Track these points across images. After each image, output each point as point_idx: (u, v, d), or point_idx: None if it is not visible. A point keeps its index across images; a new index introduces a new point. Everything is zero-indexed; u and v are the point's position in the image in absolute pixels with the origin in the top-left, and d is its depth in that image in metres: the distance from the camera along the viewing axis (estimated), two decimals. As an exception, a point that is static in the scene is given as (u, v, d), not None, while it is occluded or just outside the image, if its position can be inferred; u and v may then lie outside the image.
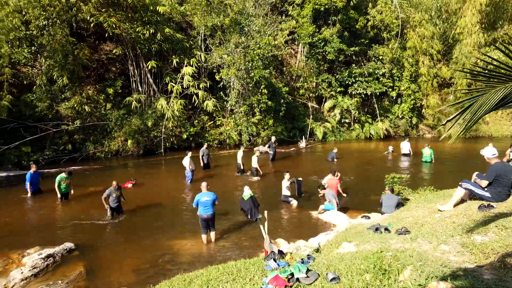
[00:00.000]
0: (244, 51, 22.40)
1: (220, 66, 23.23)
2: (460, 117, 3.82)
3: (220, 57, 22.86)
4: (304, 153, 22.74)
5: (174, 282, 5.36)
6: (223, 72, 22.63)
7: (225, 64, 22.79)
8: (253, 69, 22.50)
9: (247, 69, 22.49)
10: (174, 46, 22.59)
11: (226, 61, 22.57)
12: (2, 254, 7.99)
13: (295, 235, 8.96)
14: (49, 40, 18.67)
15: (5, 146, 17.07)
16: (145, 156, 20.85)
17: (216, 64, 23.24)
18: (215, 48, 23.56)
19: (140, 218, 10.76)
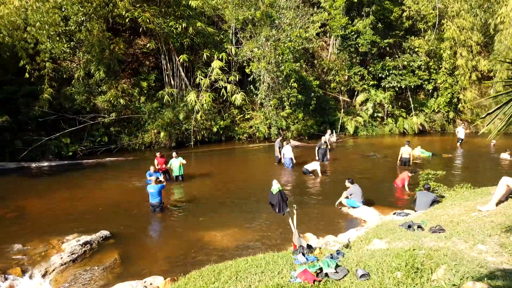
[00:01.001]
0: (275, 44, 22.28)
1: (251, 59, 23.24)
2: (501, 112, 3.63)
3: (251, 51, 22.86)
4: (334, 147, 22.43)
5: (204, 273, 5.48)
6: (253, 65, 22.64)
7: (255, 57, 22.77)
8: (283, 62, 22.36)
9: (277, 62, 22.37)
10: (205, 40, 22.81)
11: (256, 54, 22.55)
12: (43, 240, 8.46)
13: (325, 230, 8.89)
14: (87, 35, 19.35)
15: (47, 137, 17.99)
16: (177, 148, 21.30)
17: (246, 58, 23.28)
18: (246, 41, 23.57)
19: (172, 209, 11.04)
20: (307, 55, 27.46)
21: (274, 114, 23.43)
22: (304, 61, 25.96)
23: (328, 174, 15.35)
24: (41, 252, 7.85)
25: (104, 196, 12.34)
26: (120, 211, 10.75)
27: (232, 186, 13.45)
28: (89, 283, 6.70)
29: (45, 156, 17.79)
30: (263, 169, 16.92)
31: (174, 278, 6.01)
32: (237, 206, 11.03)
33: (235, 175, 15.43)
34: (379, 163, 17.63)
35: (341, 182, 12.62)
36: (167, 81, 22.91)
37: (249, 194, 12.32)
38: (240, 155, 20.59)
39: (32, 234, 8.80)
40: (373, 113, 27.57)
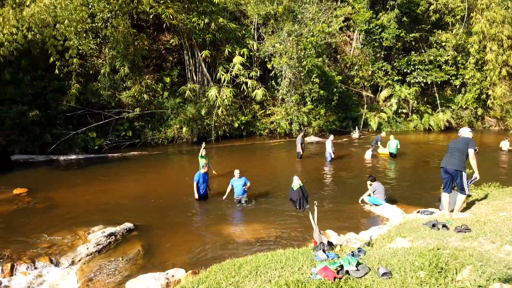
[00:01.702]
0: (297, 39, 22.11)
1: (272, 55, 23.16)
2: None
3: (272, 46, 22.77)
4: (357, 144, 22.11)
5: (225, 266, 5.54)
6: (275, 61, 22.55)
7: (277, 53, 22.67)
8: (305, 57, 22.17)
9: (299, 57, 22.21)
10: (227, 35, 22.89)
11: (278, 49, 22.45)
12: (70, 230, 8.76)
13: (346, 227, 8.81)
14: (112, 31, 19.79)
15: (74, 131, 18.58)
16: (198, 143, 21.52)
17: (268, 53, 23.21)
18: (268, 36, 23.50)
19: (193, 203, 11.19)
20: (330, 50, 27.11)
21: (296, 109, 23.30)
22: (327, 56, 25.65)
23: (349, 171, 15.17)
24: (68, 242, 8.14)
25: (128, 189, 12.63)
26: (143, 204, 10.99)
27: (253, 181, 13.47)
28: (113, 273, 6.89)
29: (72, 150, 18.38)
30: (284, 165, 16.89)
31: (195, 271, 6.10)
32: (257, 201, 11.07)
33: (255, 170, 15.47)
34: (403, 160, 17.27)
35: (363, 179, 12.45)
36: (190, 77, 23.14)
37: (269, 190, 12.34)
38: (260, 150, 20.62)
39: (60, 225, 9.13)
40: (397, 109, 26.99)
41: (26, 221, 9.50)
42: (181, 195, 11.82)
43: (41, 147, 17.92)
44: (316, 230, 6.31)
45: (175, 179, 14.56)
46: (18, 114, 17.25)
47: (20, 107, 17.49)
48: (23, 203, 10.85)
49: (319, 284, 4.33)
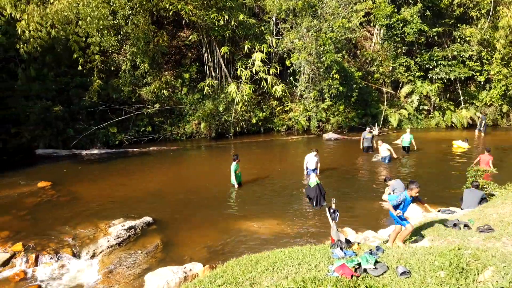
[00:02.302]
0: (316, 35, 21.87)
1: (291, 50, 23.00)
2: None
3: (291, 42, 22.61)
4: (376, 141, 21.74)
5: (242, 261, 5.57)
6: (294, 57, 22.39)
7: (296, 48, 22.50)
8: (324, 53, 21.91)
9: (318, 53, 21.97)
10: (246, 31, 22.85)
11: (297, 45, 22.27)
12: (91, 223, 8.99)
13: (364, 225, 8.72)
14: (133, 28, 20.05)
15: (96, 127, 19.00)
16: (216, 139, 21.68)
17: (287, 49, 23.07)
18: (287, 32, 23.34)
19: (211, 198, 11.29)
20: (350, 45, 26.70)
21: (314, 106, 23.10)
22: (346, 51, 25.27)
23: (369, 169, 14.97)
24: (89, 235, 8.36)
25: (148, 184, 12.85)
26: (162, 199, 11.17)
27: (270, 177, 13.50)
28: (133, 266, 7.04)
29: (94, 144, 18.79)
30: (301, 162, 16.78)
31: (212, 266, 6.17)
32: (275, 198, 11.08)
33: (273, 167, 15.47)
34: (424, 158, 16.92)
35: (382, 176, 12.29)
36: (208, 73, 23.26)
37: (287, 186, 12.32)
38: (278, 147, 20.59)
39: (82, 217, 9.38)
40: (418, 106, 26.37)
41: (49, 213, 9.80)
42: (200, 190, 11.95)
43: (64, 141, 18.42)
44: (333, 227, 6.27)
45: (193, 175, 14.72)
46: (43, 109, 17.76)
47: (44, 103, 18.01)
48: (47, 196, 11.19)
49: (336, 281, 4.31)
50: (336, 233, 6.18)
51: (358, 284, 4.28)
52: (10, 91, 17.86)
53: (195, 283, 5.02)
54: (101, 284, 6.49)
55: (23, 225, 8.92)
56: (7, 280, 6.64)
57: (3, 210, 9.91)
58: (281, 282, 4.52)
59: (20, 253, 7.39)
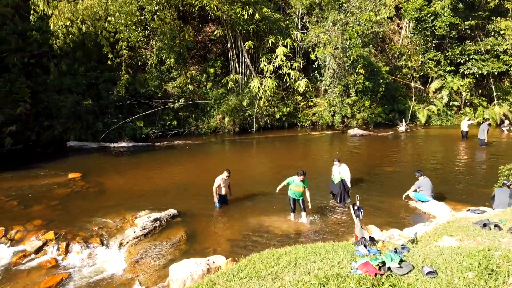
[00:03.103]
0: (342, 29, 21.50)
1: (316, 45, 22.73)
2: None
3: (316, 36, 22.32)
4: (403, 137, 21.28)
5: (264, 256, 5.60)
6: (319, 51, 22.11)
7: (321, 43, 22.21)
8: (350, 47, 21.52)
9: (344, 47, 21.60)
10: (271, 26, 22.75)
11: (322, 39, 21.97)
12: (119, 214, 9.26)
13: (389, 223, 8.56)
14: (159, 24, 20.36)
15: (123, 120, 19.50)
16: (240, 134, 21.78)
17: (311, 43, 22.81)
18: (312, 26, 23.06)
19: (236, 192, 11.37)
20: (377, 39, 26.10)
21: (339, 101, 22.79)
22: (373, 46, 24.74)
23: (395, 166, 14.66)
24: (117, 226, 8.62)
25: (173, 177, 13.09)
26: (187, 192, 11.36)
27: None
28: (158, 257, 7.21)
29: (121, 138, 19.31)
30: (325, 157, 16.65)
31: (235, 259, 6.23)
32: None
33: (296, 162, 15.39)
34: (453, 155, 16.40)
35: (409, 174, 12.01)
36: (233, 68, 23.35)
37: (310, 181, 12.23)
38: (302, 142, 20.47)
39: (110, 208, 9.67)
40: (448, 102, 25.53)
41: (79, 203, 10.17)
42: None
43: (94, 134, 19.02)
44: (357, 225, 6.19)
45: (217, 169, 14.81)
46: (74, 103, 18.39)
47: (75, 97, 18.64)
48: (77, 187, 11.60)
49: (360, 279, 4.26)
50: (360, 231, 6.10)
51: (382, 283, 4.22)
52: (43, 86, 18.60)
53: (218, 275, 5.09)
54: (128, 273, 6.69)
55: (55, 215, 9.29)
56: (40, 266, 6.95)
57: (37, 199, 10.36)
58: (303, 278, 4.51)
59: (51, 241, 7.71)
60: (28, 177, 12.61)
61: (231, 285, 4.65)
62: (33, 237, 7.89)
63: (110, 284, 6.40)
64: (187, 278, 5.72)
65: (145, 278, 6.45)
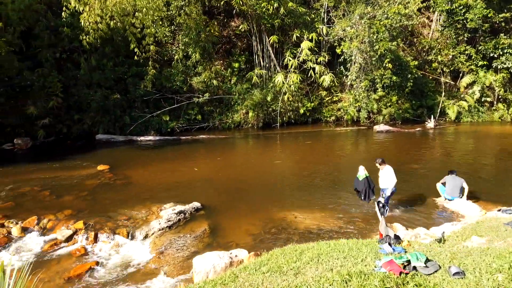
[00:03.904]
0: (369, 22, 21.02)
1: (342, 39, 22.35)
2: None
3: (343, 30, 21.94)
4: (431, 134, 20.67)
5: (286, 251, 5.61)
6: (345, 45, 21.73)
7: (347, 37, 21.82)
8: (378, 41, 21.02)
9: (371, 41, 21.13)
10: (296, 20, 22.54)
11: (348, 33, 21.57)
12: (144, 206, 9.49)
13: (415, 221, 8.37)
14: (185, 19, 20.56)
15: (149, 114, 19.91)
16: (264, 129, 21.79)
17: (337, 37, 22.45)
18: (338, 20, 22.68)
19: (258, 187, 11.42)
20: (406, 33, 25.36)
21: (365, 96, 22.35)
22: (402, 39, 24.07)
23: (423, 163, 14.29)
24: (143, 217, 8.84)
25: (198, 170, 13.27)
26: (210, 185, 11.50)
27: (317, 168, 13.37)
28: (182, 248, 7.35)
29: (148, 131, 19.74)
30: (349, 153, 16.43)
31: (257, 253, 6.27)
32: (321, 189, 10.96)
33: (320, 158, 15.29)
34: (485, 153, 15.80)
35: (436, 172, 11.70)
36: (257, 62, 23.32)
37: (334, 178, 12.13)
38: (326, 138, 20.27)
39: (136, 200, 9.92)
40: (480, 98, 24.53)
41: (107, 195, 10.49)
42: (247, 178, 12.13)
43: (121, 128, 19.54)
44: (382, 222, 6.09)
45: (240, 163, 14.96)
46: (102, 97, 18.94)
47: (104, 91, 19.17)
48: (105, 179, 11.97)
49: (384, 277, 4.21)
50: (384, 228, 6.00)
51: (407, 282, 4.15)
52: (74, 80, 19.25)
53: (240, 269, 5.14)
54: (152, 263, 6.86)
55: (84, 205, 9.63)
56: (70, 254, 7.23)
57: (67, 190, 10.76)
58: (325, 274, 4.49)
59: (81, 230, 8.01)
60: (60, 168, 13.12)
61: (253, 279, 4.69)
62: (63, 226, 8.22)
63: (136, 273, 6.58)
64: (210, 271, 5.81)
65: (169, 269, 6.60)
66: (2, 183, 11.24)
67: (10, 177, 12.00)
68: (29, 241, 7.76)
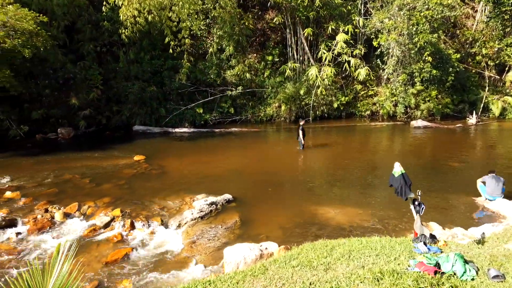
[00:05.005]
0: (409, 14, 20.23)
1: (379, 31, 21.67)
2: None
3: (380, 22, 21.27)
4: (473, 131, 19.71)
5: (317, 246, 5.58)
6: (382, 37, 21.07)
7: (385, 29, 21.13)
8: (417, 33, 20.21)
9: (410, 33, 20.34)
10: (331, 12, 22.09)
11: (386, 25, 20.88)
12: (178, 196, 9.74)
13: (452, 221, 8.05)
14: (220, 12, 20.70)
15: (184, 107, 20.32)
16: (296, 123, 21.62)
17: (375, 30, 21.80)
18: (376, 12, 22.01)
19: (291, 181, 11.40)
20: (447, 24, 24.21)
21: (402, 90, 21.61)
22: (443, 31, 23.00)
23: (463, 161, 13.68)
24: (176, 207, 9.08)
25: (229, 163, 13.43)
26: (242, 178, 11.60)
27: (350, 163, 13.14)
28: (213, 239, 7.50)
29: (182, 123, 20.17)
30: (384, 149, 16.00)
31: (287, 247, 6.28)
32: (354, 185, 10.78)
33: (353, 153, 15.00)
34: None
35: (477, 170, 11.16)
36: (291, 55, 23.13)
37: (367, 174, 11.88)
38: (360, 133, 19.83)
39: (170, 190, 10.20)
40: (528, 93, 23.09)
41: (143, 184, 10.85)
42: (278, 172, 12.14)
43: (157, 120, 20.10)
44: (417, 221, 5.91)
45: (272, 157, 14.97)
46: (139, 89, 19.51)
47: (141, 83, 19.75)
48: (141, 169, 12.38)
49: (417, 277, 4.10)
50: (420, 227, 5.83)
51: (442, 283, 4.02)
52: (113, 73, 19.96)
53: (270, 261, 5.18)
54: (185, 252, 7.05)
55: (121, 193, 10.03)
56: (107, 240, 7.57)
57: (106, 178, 11.24)
58: (357, 271, 4.44)
59: (118, 217, 8.36)
60: (99, 158, 13.72)
61: (283, 272, 4.71)
62: (102, 213, 8.61)
63: (168, 261, 6.79)
64: (240, 262, 5.89)
65: (201, 258, 6.75)
66: (47, 170, 11.93)
67: (54, 164, 12.70)
68: (70, 226, 8.20)
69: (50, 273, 3.11)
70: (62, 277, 3.12)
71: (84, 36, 19.52)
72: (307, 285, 4.28)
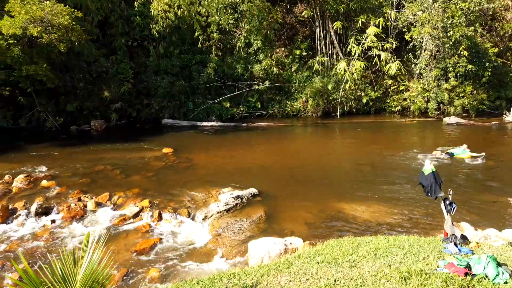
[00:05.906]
0: (444, 6, 19.45)
1: (412, 24, 20.97)
2: None
3: (413, 14, 20.57)
4: (509, 129, 18.80)
5: (342, 243, 5.52)
6: (415, 31, 20.38)
7: (418, 22, 20.42)
8: (452, 26, 19.41)
9: (444, 27, 19.57)
10: (362, 4, 21.60)
11: (420, 18, 20.17)
12: (204, 189, 9.88)
13: (485, 221, 7.75)
14: (249, 6, 20.66)
15: (211, 101, 20.52)
16: (323, 118, 21.40)
17: (407, 23, 21.11)
18: (408, 4, 21.30)
19: (317, 176, 11.31)
20: (485, 17, 23.12)
21: (435, 86, 20.87)
22: (480, 24, 21.98)
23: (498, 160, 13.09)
24: (202, 199, 9.22)
25: (255, 157, 13.49)
26: (267, 172, 11.62)
27: (379, 160, 12.87)
28: (238, 232, 7.57)
29: (209, 117, 20.39)
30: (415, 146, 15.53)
31: (312, 243, 6.25)
32: (382, 182, 10.56)
33: (382, 150, 14.67)
34: None
35: None
36: (319, 49, 22.83)
37: (396, 171, 11.60)
38: (390, 129, 19.34)
39: (197, 183, 10.36)
40: None
41: (171, 176, 11.08)
42: (304, 167, 12.06)
43: (185, 113, 20.41)
44: (448, 221, 5.73)
45: (298, 152, 14.89)
46: (168, 83, 19.86)
47: (170, 77, 20.09)
48: (169, 161, 12.64)
49: (447, 278, 3.99)
50: (450, 227, 5.64)
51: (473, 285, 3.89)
52: (143, 67, 20.41)
53: (294, 256, 5.18)
54: (210, 244, 7.17)
55: (150, 185, 10.28)
56: (136, 230, 7.81)
57: (136, 170, 11.56)
58: (383, 270, 4.36)
59: (146, 208, 8.60)
60: (129, 150, 14.12)
61: (307, 267, 4.69)
62: (131, 203, 8.88)
63: (195, 252, 6.93)
64: (264, 256, 5.93)
65: (226, 251, 6.84)
66: (81, 160, 12.40)
67: (87, 155, 13.19)
68: (101, 215, 8.50)
69: (81, 260, 3.24)
70: (93, 264, 3.23)
71: (116, 31, 20.04)
72: (332, 281, 4.25)
